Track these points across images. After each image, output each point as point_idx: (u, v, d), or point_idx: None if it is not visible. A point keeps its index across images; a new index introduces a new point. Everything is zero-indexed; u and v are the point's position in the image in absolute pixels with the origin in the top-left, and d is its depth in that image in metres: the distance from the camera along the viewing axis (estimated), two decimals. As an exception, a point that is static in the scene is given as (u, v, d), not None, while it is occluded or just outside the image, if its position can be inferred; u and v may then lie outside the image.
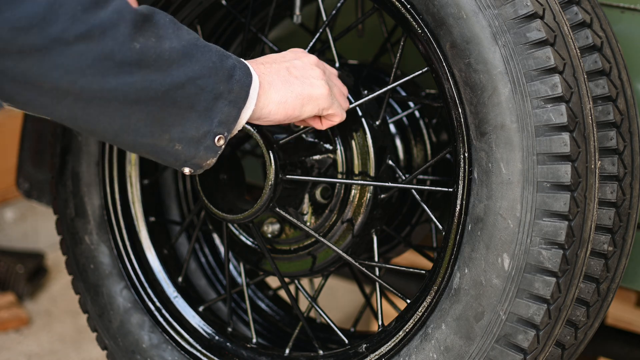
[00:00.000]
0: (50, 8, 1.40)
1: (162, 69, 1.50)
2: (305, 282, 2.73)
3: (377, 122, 1.87)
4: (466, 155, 1.65)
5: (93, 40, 1.44)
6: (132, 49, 1.47)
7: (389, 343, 1.76)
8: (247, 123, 1.67)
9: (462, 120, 1.64)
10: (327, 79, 1.72)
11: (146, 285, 2.04)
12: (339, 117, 1.74)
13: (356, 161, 1.86)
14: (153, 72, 1.50)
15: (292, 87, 1.66)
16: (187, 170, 1.62)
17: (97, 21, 1.44)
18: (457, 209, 1.67)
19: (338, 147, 1.87)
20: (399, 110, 1.97)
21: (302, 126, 1.81)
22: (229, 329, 2.03)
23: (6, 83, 1.43)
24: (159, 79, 1.50)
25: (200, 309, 2.05)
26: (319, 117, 1.74)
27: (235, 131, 1.62)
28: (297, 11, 1.98)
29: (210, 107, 1.56)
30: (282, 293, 2.25)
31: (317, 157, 1.87)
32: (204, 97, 1.55)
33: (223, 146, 1.60)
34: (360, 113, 1.85)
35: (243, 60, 1.63)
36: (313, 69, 1.71)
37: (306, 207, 1.90)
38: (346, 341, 1.87)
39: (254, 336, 2.00)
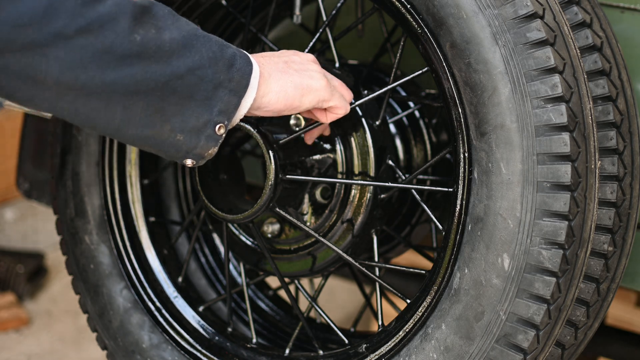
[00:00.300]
0: (49, 4, 1.41)
1: (162, 60, 1.51)
2: (305, 282, 2.73)
3: (377, 122, 1.87)
4: (466, 155, 1.65)
5: (93, 34, 1.45)
6: (132, 41, 1.48)
7: (389, 343, 1.76)
8: (248, 119, 1.68)
9: (462, 120, 1.64)
10: (325, 73, 1.73)
11: (146, 285, 2.04)
12: (342, 109, 1.74)
13: (356, 161, 1.86)
14: (153, 63, 1.51)
15: (291, 77, 1.67)
16: (189, 162, 1.63)
17: (96, 15, 1.45)
18: (457, 209, 1.67)
19: (338, 147, 1.87)
20: (399, 110, 1.97)
21: (308, 123, 1.81)
22: (229, 329, 2.03)
23: (8, 79, 1.44)
24: (160, 70, 1.51)
25: (200, 309, 2.05)
26: (324, 111, 1.74)
27: (236, 120, 1.63)
28: (297, 11, 1.98)
29: (210, 96, 1.57)
30: (282, 293, 2.25)
31: (317, 157, 1.87)
32: (203, 86, 1.56)
33: (224, 135, 1.61)
34: (360, 113, 1.85)
35: (243, 50, 1.64)
36: (310, 64, 1.72)
37: (306, 207, 1.90)
38: (346, 341, 1.87)
39: (254, 336, 2.00)
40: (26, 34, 1.40)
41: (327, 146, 1.87)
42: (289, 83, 1.67)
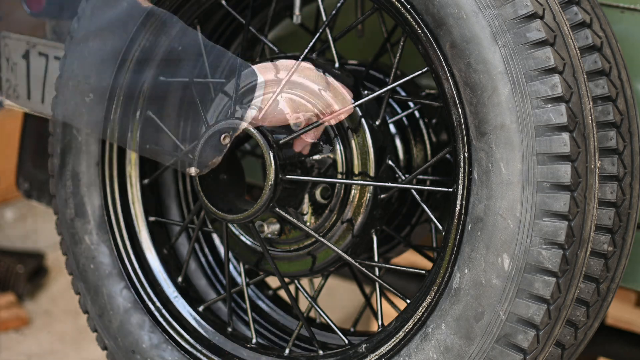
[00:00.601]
0: (59, 6, 1.42)
1: (170, 68, 1.52)
2: (305, 282, 2.73)
3: (377, 122, 1.88)
4: (466, 155, 1.65)
5: (103, 39, 1.45)
6: (142, 48, 1.49)
7: (389, 343, 1.76)
8: (250, 123, 1.69)
9: (462, 120, 1.64)
10: (326, 75, 1.74)
11: (146, 285, 2.04)
12: (345, 110, 1.75)
13: (356, 161, 1.86)
14: (162, 71, 1.51)
15: (295, 83, 1.68)
16: (192, 170, 1.64)
17: (107, 20, 1.45)
18: (457, 209, 1.67)
19: (338, 147, 1.87)
20: (399, 110, 1.97)
21: (307, 123, 1.82)
22: (229, 329, 2.03)
23: (14, 78, 1.45)
24: (167, 78, 1.52)
25: (200, 309, 2.05)
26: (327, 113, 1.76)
27: (240, 129, 1.64)
28: (297, 11, 1.98)
29: (217, 107, 1.58)
30: (282, 293, 2.25)
31: (317, 157, 1.87)
32: (210, 96, 1.57)
33: (228, 145, 1.62)
34: (360, 113, 1.85)
35: (248, 62, 1.65)
36: (312, 69, 1.72)
37: (306, 207, 1.90)
38: (346, 341, 1.87)
39: (254, 336, 2.00)
40: (33, 34, 1.41)
41: (327, 146, 1.87)
42: (293, 89, 1.68)
